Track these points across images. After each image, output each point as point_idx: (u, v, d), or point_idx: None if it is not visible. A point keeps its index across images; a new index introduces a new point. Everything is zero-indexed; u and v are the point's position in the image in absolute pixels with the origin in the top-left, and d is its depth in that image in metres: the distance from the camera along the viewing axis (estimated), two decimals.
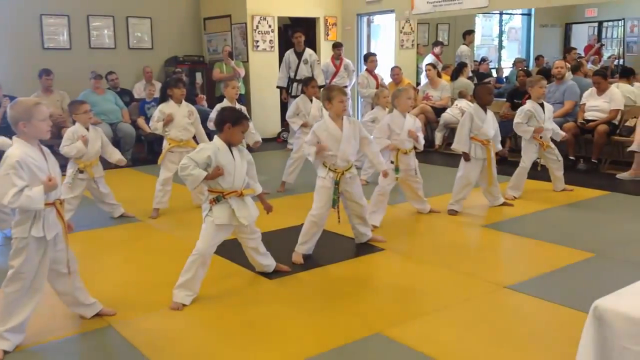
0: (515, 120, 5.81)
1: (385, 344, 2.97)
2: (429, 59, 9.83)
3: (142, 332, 3.13)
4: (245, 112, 5.75)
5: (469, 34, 10.10)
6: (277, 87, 9.31)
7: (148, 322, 3.28)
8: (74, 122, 5.05)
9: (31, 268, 2.91)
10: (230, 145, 3.50)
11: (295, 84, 8.89)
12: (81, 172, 4.99)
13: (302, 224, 4.22)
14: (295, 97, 7.66)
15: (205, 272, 3.52)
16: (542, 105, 5.76)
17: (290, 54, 9.04)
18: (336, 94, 4.11)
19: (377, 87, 8.21)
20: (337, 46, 9.41)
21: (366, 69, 8.98)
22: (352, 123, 4.22)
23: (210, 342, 3.04)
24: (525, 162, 5.79)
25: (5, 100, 7.34)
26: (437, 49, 9.88)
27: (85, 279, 3.26)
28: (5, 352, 2.91)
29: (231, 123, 3.46)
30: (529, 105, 5.76)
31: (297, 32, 9.01)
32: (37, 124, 2.89)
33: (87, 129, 5.01)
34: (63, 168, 7.55)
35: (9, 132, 4.79)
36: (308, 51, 8.99)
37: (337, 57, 9.41)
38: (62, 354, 2.97)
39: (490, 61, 10.29)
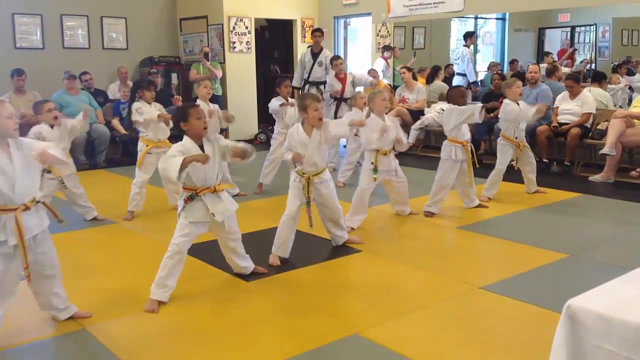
0: (503, 117, 5.84)
1: (363, 344, 2.98)
2: (379, 63, 9.85)
3: (116, 336, 3.09)
4: (217, 110, 5.75)
5: (470, 36, 10.16)
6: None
7: (123, 325, 3.23)
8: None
9: None
10: (199, 139, 3.46)
11: (307, 86, 8.31)
12: (48, 172, 4.86)
13: None
14: None
15: (180, 270, 3.49)
16: (517, 104, 5.84)
17: (306, 53, 8.49)
18: (310, 103, 4.08)
19: (343, 90, 7.96)
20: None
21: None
22: (320, 128, 4.14)
23: (186, 344, 3.01)
24: (501, 164, 5.86)
25: None
26: (386, 54, 9.92)
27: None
28: None
29: (182, 120, 3.45)
30: (509, 103, 5.78)
31: (316, 32, 8.45)
32: (2, 121, 2.81)
33: (52, 127, 4.91)
34: None
35: None
36: (325, 52, 8.39)
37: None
38: (33, 357, 2.91)
39: (499, 63, 10.35)
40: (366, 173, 4.94)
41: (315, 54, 8.38)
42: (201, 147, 3.46)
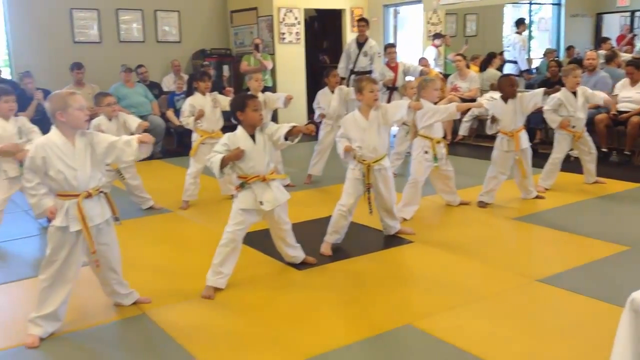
0: (544, 107, 5.72)
1: (416, 335, 2.97)
2: (430, 51, 9.69)
3: (175, 320, 3.18)
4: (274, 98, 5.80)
5: (521, 23, 9.93)
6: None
7: (181, 310, 3.33)
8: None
9: (60, 257, 2.96)
10: (252, 129, 3.52)
11: (353, 76, 8.19)
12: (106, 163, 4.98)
13: (330, 216, 4.22)
14: None
15: (236, 258, 3.56)
16: (575, 94, 5.66)
17: (351, 43, 8.48)
18: (366, 84, 4.08)
19: (395, 79, 7.93)
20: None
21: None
22: (377, 109, 4.13)
23: (242, 330, 3.07)
24: (558, 154, 5.71)
25: (38, 93, 7.49)
26: (437, 41, 9.74)
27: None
28: (41, 339, 2.97)
29: (239, 109, 3.50)
30: (560, 93, 5.65)
31: (360, 21, 8.41)
32: (74, 113, 2.93)
33: (110, 119, 5.08)
34: None
35: (41, 124, 4.93)
36: (370, 42, 8.35)
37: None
38: (96, 341, 3.02)
39: (555, 50, 10.09)
40: (419, 163, 4.88)
41: (360, 44, 8.36)
42: (252, 137, 3.52)
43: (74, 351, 2.93)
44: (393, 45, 8.18)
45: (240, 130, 3.55)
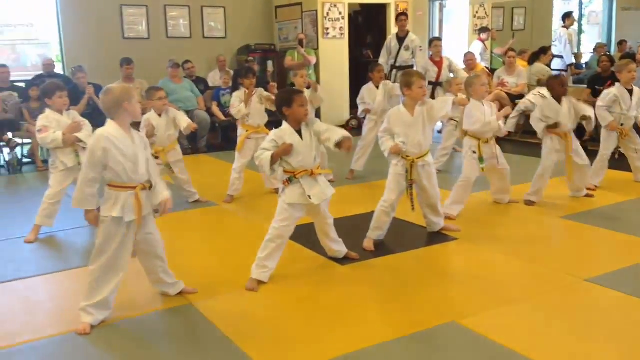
0: (598, 103, 5.57)
1: (461, 332, 2.95)
2: (476, 45, 9.51)
3: (221, 311, 3.24)
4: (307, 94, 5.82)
5: (568, 16, 9.69)
6: None
7: (226, 302, 3.38)
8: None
9: (112, 247, 3.04)
10: (298, 125, 3.54)
11: (394, 71, 8.19)
12: (155, 157, 5.13)
13: (373, 212, 4.22)
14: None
15: (280, 253, 3.60)
16: (630, 92, 5.49)
17: (392, 38, 8.42)
18: (416, 80, 4.04)
19: (439, 74, 7.85)
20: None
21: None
22: (423, 105, 4.10)
23: (284, 323, 3.11)
24: (606, 150, 5.57)
25: (89, 87, 7.70)
26: (483, 35, 9.56)
27: (167, 259, 3.39)
28: (92, 327, 3.07)
29: (286, 105, 3.53)
30: (615, 89, 5.48)
31: (401, 15, 8.37)
32: (136, 105, 3.04)
33: (160, 115, 5.18)
34: None
35: (91, 118, 5.07)
36: (410, 36, 8.29)
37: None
38: (144, 330, 3.10)
39: (605, 44, 9.83)
40: (470, 162, 4.80)
41: (400, 39, 8.30)
42: (299, 132, 3.54)
43: (121, 339, 3.02)
44: (439, 39, 8.09)
45: (286, 125, 3.57)
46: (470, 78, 4.93)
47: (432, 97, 7.60)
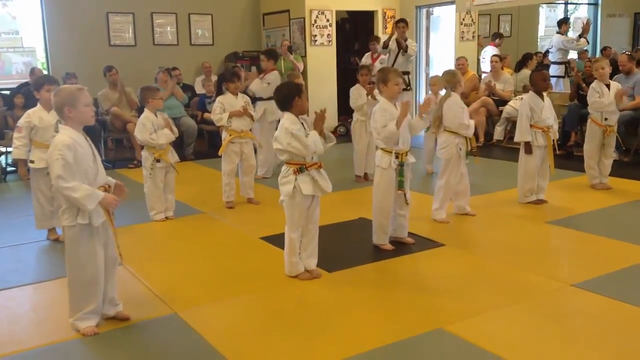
0: (590, 99, 5.68)
1: (447, 339, 2.94)
2: (491, 50, 9.60)
3: (206, 321, 3.20)
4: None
5: (564, 22, 9.78)
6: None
7: (212, 311, 3.35)
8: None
9: (87, 255, 2.97)
10: (300, 116, 3.60)
11: None
12: (158, 160, 5.05)
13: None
14: None
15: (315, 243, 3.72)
16: (608, 86, 5.64)
17: (392, 42, 8.33)
18: (392, 76, 4.06)
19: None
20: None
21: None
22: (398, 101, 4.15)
23: (271, 332, 3.08)
24: (589, 144, 5.73)
25: None
26: (497, 41, 9.65)
27: (148, 268, 3.35)
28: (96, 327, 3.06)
29: (298, 95, 3.57)
30: (595, 84, 5.66)
31: (400, 22, 8.37)
32: (83, 109, 2.93)
33: (156, 115, 5.11)
34: (125, 162, 7.66)
35: None
36: (411, 44, 8.26)
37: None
38: (130, 340, 3.05)
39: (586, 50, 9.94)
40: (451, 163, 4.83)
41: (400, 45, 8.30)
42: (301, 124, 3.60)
43: (107, 350, 2.97)
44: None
45: (292, 116, 3.57)
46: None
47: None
